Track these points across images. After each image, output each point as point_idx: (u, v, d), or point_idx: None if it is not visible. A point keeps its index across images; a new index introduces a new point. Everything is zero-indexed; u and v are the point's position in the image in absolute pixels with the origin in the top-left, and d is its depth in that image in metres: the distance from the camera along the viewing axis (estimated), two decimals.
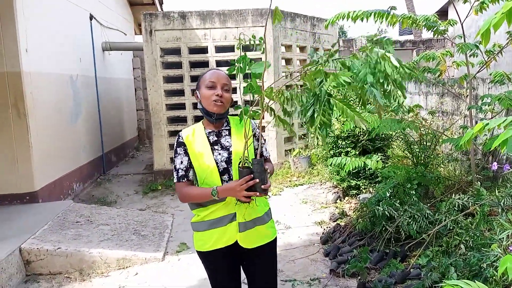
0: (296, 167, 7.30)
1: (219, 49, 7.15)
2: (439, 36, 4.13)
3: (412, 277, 3.37)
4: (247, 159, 1.98)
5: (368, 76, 1.64)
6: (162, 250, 4.33)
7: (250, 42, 1.97)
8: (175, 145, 2.20)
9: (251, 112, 1.96)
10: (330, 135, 5.97)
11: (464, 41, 3.94)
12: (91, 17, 7.79)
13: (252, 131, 2.12)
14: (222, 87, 2.13)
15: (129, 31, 10.69)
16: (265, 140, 2.34)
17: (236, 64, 1.96)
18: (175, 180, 2.18)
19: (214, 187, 2.04)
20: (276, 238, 2.30)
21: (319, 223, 5.03)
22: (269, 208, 2.30)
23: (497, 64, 6.50)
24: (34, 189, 5.36)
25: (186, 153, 2.16)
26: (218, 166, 2.11)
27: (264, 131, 7.00)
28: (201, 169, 2.13)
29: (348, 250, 4.04)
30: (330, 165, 5.76)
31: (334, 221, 5.00)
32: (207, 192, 2.05)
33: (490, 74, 4.25)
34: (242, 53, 1.95)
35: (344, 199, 5.81)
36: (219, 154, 2.14)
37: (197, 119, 7.32)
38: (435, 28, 4.00)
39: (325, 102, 1.73)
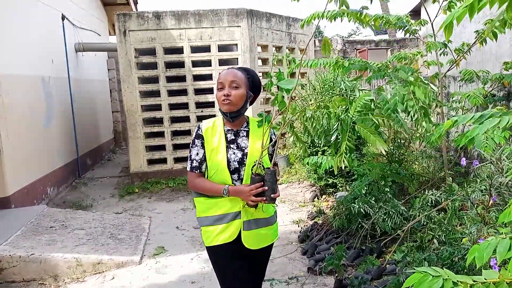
0: None
1: (195, 49, 7.11)
2: (411, 35, 4.20)
3: (387, 273, 3.42)
4: (260, 165, 2.08)
5: (398, 104, 1.76)
6: (139, 253, 4.28)
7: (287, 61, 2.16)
8: (193, 136, 2.28)
9: (272, 123, 2.05)
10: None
11: (434, 40, 4.03)
12: (63, 18, 7.63)
13: (270, 140, 2.17)
14: (229, 85, 2.16)
15: (103, 32, 10.51)
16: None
17: (270, 77, 2.07)
18: (188, 169, 2.27)
19: (226, 187, 2.14)
20: (274, 242, 2.40)
21: (297, 221, 5.06)
22: (275, 211, 2.38)
23: (468, 63, 6.66)
24: (6, 195, 5.21)
25: (202, 146, 2.24)
26: (230, 165, 2.18)
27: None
28: (212, 164, 2.21)
29: (325, 248, 4.07)
30: (307, 164, 5.82)
31: (311, 220, 5.03)
32: (218, 189, 2.16)
33: (460, 72, 4.35)
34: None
35: (321, 197, 5.86)
36: (233, 153, 2.21)
37: (173, 120, 7.26)
38: (406, 28, 4.07)
39: (350, 129, 1.84)
